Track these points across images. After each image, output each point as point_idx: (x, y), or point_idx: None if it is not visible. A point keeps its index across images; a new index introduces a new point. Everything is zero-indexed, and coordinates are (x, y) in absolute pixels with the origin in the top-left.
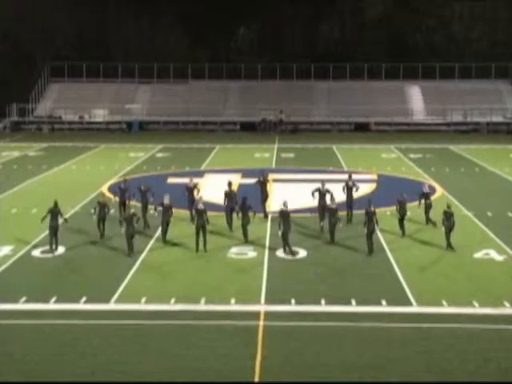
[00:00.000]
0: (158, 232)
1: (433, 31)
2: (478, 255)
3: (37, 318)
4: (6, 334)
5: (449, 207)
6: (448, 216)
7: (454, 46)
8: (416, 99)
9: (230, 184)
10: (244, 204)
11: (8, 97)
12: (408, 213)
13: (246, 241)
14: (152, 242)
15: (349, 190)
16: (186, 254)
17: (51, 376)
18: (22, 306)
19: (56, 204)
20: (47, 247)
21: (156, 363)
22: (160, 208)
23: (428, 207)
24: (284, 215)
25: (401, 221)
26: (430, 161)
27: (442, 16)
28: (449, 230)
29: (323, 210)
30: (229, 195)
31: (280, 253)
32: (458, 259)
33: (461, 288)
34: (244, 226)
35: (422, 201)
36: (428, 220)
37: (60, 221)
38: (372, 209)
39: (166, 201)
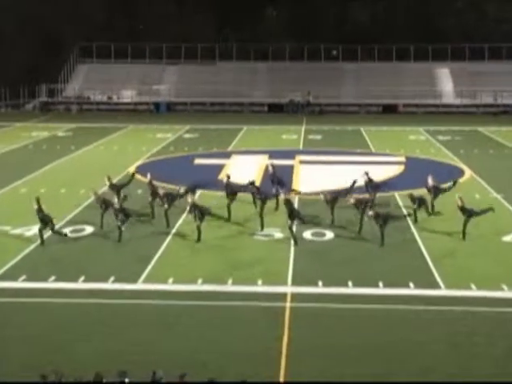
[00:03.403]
0: (184, 214)
1: (462, 12)
2: (507, 238)
3: (65, 297)
4: (35, 312)
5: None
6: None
7: (484, 27)
8: (445, 81)
9: (228, 176)
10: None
11: (37, 77)
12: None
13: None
14: (178, 223)
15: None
16: (214, 235)
17: (78, 355)
18: (50, 284)
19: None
20: (76, 227)
21: (182, 343)
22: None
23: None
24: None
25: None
26: (459, 143)
27: None
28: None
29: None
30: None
31: (307, 234)
32: (486, 242)
33: (489, 271)
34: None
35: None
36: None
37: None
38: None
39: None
